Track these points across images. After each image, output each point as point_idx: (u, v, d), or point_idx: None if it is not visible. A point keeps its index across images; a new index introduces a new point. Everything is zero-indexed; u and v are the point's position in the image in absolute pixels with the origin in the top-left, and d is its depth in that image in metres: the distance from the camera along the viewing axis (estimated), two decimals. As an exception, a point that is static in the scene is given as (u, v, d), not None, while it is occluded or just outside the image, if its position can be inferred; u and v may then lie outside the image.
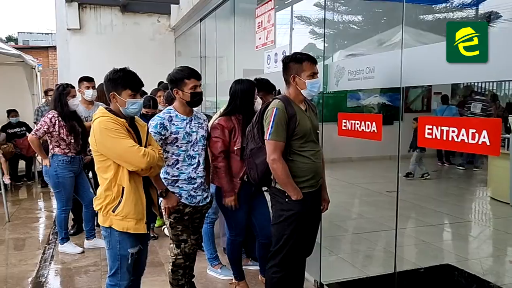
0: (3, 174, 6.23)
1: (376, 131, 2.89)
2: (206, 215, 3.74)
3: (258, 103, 3.17)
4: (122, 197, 2.38)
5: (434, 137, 2.35)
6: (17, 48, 8.82)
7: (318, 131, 2.87)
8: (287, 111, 2.62)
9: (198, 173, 2.91)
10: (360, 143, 3.55)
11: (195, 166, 2.88)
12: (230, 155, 3.10)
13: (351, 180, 8.02)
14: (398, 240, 3.02)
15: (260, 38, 4.49)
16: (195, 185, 2.90)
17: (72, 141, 4.22)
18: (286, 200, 2.68)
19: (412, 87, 9.49)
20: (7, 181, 6.91)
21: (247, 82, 3.23)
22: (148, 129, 2.62)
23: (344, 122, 3.19)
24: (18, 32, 37.91)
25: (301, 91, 2.67)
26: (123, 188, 2.38)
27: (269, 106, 2.67)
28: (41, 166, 7.57)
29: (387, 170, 7.21)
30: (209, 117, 4.52)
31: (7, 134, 7.55)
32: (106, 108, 2.45)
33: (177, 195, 2.85)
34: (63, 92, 4.23)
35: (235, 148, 3.07)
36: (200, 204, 2.96)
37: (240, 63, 5.97)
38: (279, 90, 3.35)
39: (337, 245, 4.50)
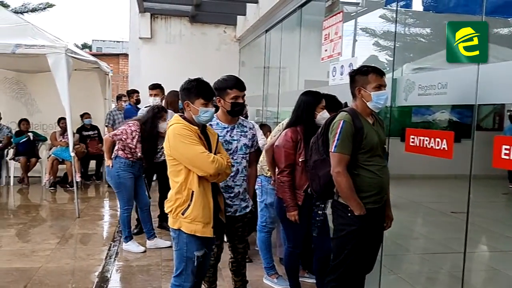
0: (75, 172, 6.65)
1: (446, 148, 2.77)
2: (264, 224, 3.79)
3: (324, 117, 3.11)
4: (191, 200, 2.47)
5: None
6: (91, 55, 9.41)
7: (384, 146, 2.81)
8: (354, 124, 2.60)
9: (236, 182, 2.90)
10: (424, 160, 3.42)
11: (233, 174, 2.86)
12: (295, 167, 3.11)
13: (413, 198, 7.72)
14: (466, 264, 2.86)
15: (326, 50, 4.49)
16: (232, 194, 2.90)
17: (139, 154, 4.40)
18: (349, 214, 2.64)
19: (484, 105, 9.01)
20: (78, 179, 7.37)
21: (312, 94, 3.23)
22: (218, 137, 2.70)
23: (412, 138, 3.10)
24: (93, 40, 40.48)
25: (367, 103, 2.64)
26: (192, 192, 2.47)
27: (336, 118, 2.66)
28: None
29: (452, 189, 6.87)
30: (266, 127, 4.60)
31: (80, 135, 8.07)
32: (180, 116, 2.58)
33: None
34: (157, 115, 4.43)
35: (300, 160, 3.07)
36: (237, 214, 2.95)
37: (303, 74, 5.98)
38: (345, 103, 3.33)
39: (398, 264, 4.34)
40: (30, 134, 7.89)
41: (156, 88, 5.25)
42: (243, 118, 3.06)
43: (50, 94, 6.73)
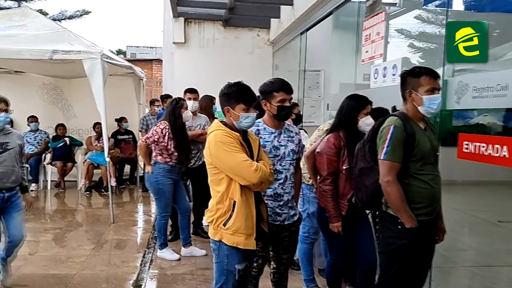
0: (110, 177, 6.68)
1: (507, 156, 2.54)
2: (306, 234, 3.62)
3: (367, 123, 2.93)
4: (233, 211, 2.35)
5: None
6: (126, 60, 9.50)
7: (437, 153, 2.61)
8: (406, 130, 2.41)
9: (285, 189, 2.76)
10: (464, 165, 3.19)
11: (281, 181, 2.74)
12: (338, 175, 2.94)
13: (456, 206, 7.35)
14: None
15: (367, 52, 4.29)
16: (281, 202, 2.76)
17: (176, 154, 4.35)
18: (399, 227, 2.46)
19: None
20: (113, 183, 7.41)
21: (356, 98, 3.06)
22: (259, 143, 2.57)
23: (466, 144, 2.87)
24: (127, 46, 41.29)
25: (418, 107, 2.45)
26: (234, 202, 2.34)
27: (385, 123, 2.47)
28: (142, 172, 8.03)
29: (497, 197, 6.49)
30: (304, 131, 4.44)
31: (115, 139, 8.13)
32: (221, 122, 2.46)
33: None
34: (176, 106, 4.41)
35: (344, 168, 2.90)
36: (286, 223, 2.81)
37: (338, 77, 5.80)
38: (394, 106, 3.13)
39: (445, 278, 4.07)
40: (66, 139, 8.00)
41: (194, 92, 5.18)
42: (288, 123, 2.93)
43: (86, 100, 6.80)
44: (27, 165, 3.72)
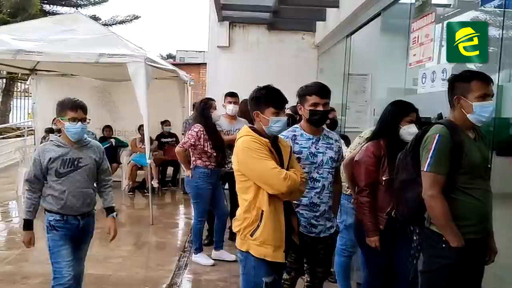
0: (152, 178, 6.77)
1: None
2: (344, 247, 3.44)
3: (409, 132, 2.71)
4: (261, 221, 2.24)
5: None
6: (174, 65, 9.64)
7: (489, 166, 2.36)
8: (452, 139, 2.20)
9: (322, 199, 2.62)
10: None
11: (318, 190, 2.61)
12: (376, 186, 2.74)
13: (508, 220, 6.83)
14: None
15: (414, 55, 4.04)
16: (317, 213, 2.62)
17: (214, 154, 4.31)
18: (443, 246, 2.24)
19: None
20: (156, 185, 7.52)
21: (400, 104, 2.85)
22: (291, 149, 2.44)
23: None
24: (177, 50, 42.29)
25: (467, 115, 2.22)
26: (262, 211, 2.24)
27: (430, 132, 2.27)
28: (184, 174, 8.09)
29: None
30: (345, 138, 4.24)
31: (159, 142, 8.26)
32: (250, 127, 2.36)
33: None
34: (205, 107, 4.42)
35: (383, 179, 2.70)
36: (322, 235, 2.66)
37: (386, 81, 5.54)
38: (440, 114, 2.90)
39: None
40: (112, 140, 8.23)
41: (235, 95, 5.14)
42: (328, 130, 2.78)
43: (132, 102, 6.91)
44: (110, 178, 3.12)
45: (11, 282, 3.88)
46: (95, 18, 11.77)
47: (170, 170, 8.54)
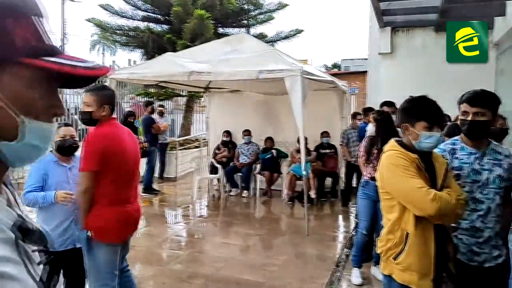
0: (310, 189, 6.79)
1: None
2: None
3: None
4: (405, 244, 2.03)
5: None
6: (338, 74, 9.61)
7: None
8: None
9: (486, 224, 2.25)
10: None
11: (482, 213, 2.24)
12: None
13: None
14: None
15: None
16: (481, 239, 2.25)
17: None
18: None
19: None
20: (313, 196, 7.55)
21: None
22: (447, 166, 2.16)
23: None
24: (342, 59, 42.30)
25: None
26: (407, 234, 2.03)
27: None
28: (344, 185, 7.95)
29: None
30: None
31: (318, 153, 8.30)
32: (396, 141, 2.17)
33: None
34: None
35: None
36: (486, 265, 2.26)
37: None
38: None
39: None
40: (273, 151, 8.59)
41: (392, 105, 4.86)
42: (496, 143, 2.40)
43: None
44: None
45: (179, 280, 4.30)
46: (262, 36, 12.51)
47: (328, 181, 8.50)
